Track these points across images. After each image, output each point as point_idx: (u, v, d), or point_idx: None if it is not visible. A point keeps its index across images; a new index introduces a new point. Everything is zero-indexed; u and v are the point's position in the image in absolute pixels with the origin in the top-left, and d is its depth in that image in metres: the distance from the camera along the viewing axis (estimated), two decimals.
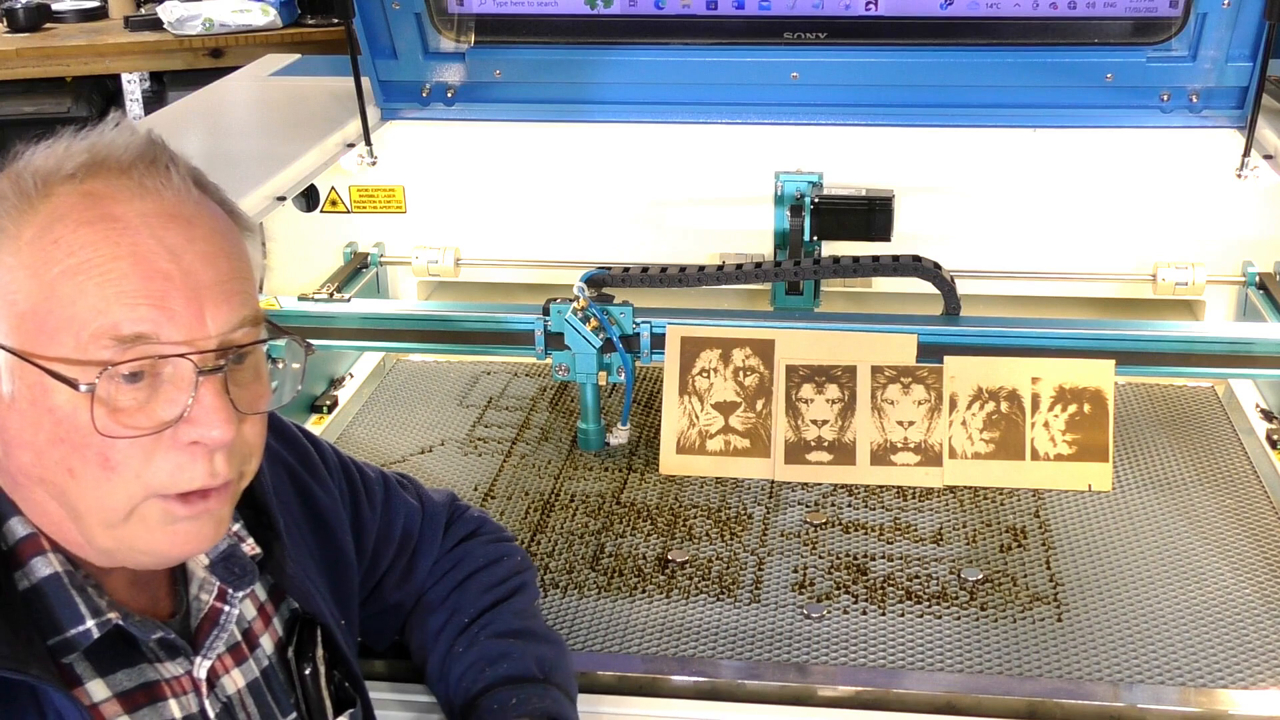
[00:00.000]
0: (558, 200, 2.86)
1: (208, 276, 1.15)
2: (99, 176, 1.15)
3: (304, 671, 1.38)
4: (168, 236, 1.14)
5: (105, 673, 1.19)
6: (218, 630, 1.29)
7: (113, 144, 1.17)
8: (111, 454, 1.13)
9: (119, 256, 1.12)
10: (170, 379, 1.14)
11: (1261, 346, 2.25)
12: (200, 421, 1.14)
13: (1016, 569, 1.97)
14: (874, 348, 2.23)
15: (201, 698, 1.26)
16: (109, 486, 1.14)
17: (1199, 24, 2.55)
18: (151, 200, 1.15)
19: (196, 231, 1.16)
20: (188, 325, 1.13)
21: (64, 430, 1.12)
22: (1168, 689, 1.70)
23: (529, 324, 2.29)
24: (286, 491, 1.48)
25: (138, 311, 1.11)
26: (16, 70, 4.82)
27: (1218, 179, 2.65)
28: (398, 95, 2.85)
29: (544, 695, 1.51)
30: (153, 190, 1.15)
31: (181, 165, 1.20)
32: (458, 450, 2.37)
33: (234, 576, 1.30)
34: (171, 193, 1.17)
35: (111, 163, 1.16)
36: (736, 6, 2.71)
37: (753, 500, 2.17)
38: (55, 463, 1.14)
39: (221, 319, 1.15)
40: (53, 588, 1.18)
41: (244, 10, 4.80)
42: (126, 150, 1.17)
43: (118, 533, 1.17)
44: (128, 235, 1.12)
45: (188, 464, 1.15)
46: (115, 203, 1.14)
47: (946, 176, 2.73)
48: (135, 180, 1.15)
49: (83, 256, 1.11)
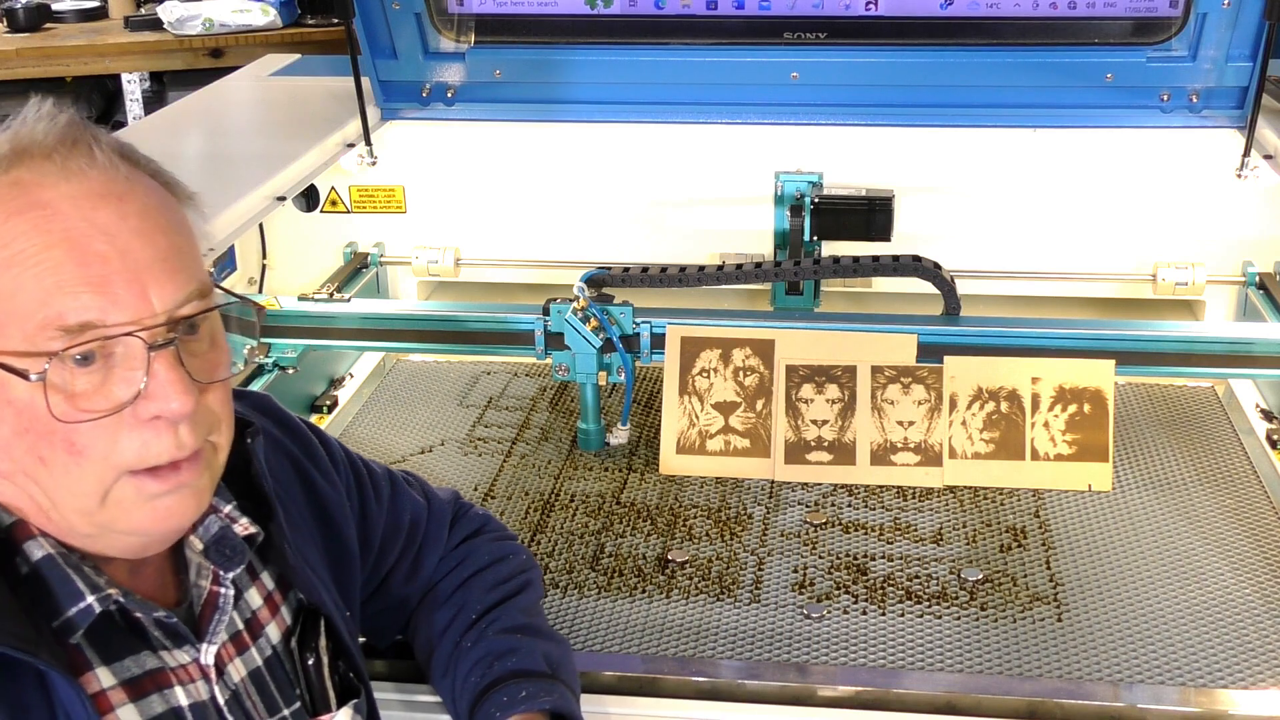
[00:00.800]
0: (558, 200, 2.86)
1: (146, 254, 1.14)
2: (23, 164, 1.14)
3: (307, 661, 1.38)
4: (99, 217, 1.13)
5: (110, 660, 1.20)
6: (218, 614, 1.29)
7: (34, 130, 1.15)
8: (76, 438, 1.13)
9: (52, 245, 1.11)
10: (123, 358, 1.14)
11: (1261, 346, 2.25)
12: (157, 396, 1.14)
13: (1016, 569, 1.97)
14: (874, 348, 2.23)
15: (211, 684, 1.26)
16: (79, 471, 1.14)
17: (1199, 24, 2.55)
18: (77, 182, 1.14)
19: (128, 208, 1.15)
20: (132, 306, 1.13)
21: (26, 420, 1.13)
22: (1168, 689, 1.70)
23: (529, 324, 2.29)
24: (289, 481, 1.48)
25: (80, 300, 1.11)
26: (16, 70, 4.81)
27: (1218, 179, 2.66)
28: (398, 95, 2.85)
29: (551, 690, 1.51)
30: (77, 172, 1.14)
31: (106, 143, 1.17)
32: (458, 450, 2.37)
33: (224, 558, 1.30)
34: (97, 172, 1.15)
35: (34, 149, 1.14)
36: (736, 6, 2.71)
37: (753, 500, 2.17)
38: (24, 453, 1.14)
39: (166, 295, 1.15)
40: (48, 568, 1.18)
41: (244, 10, 4.80)
42: (48, 135, 1.15)
43: (96, 518, 1.17)
44: (58, 221, 1.11)
45: (153, 439, 1.15)
46: (41, 189, 1.12)
47: (946, 176, 2.73)
48: (59, 164, 1.14)
49: (16, 248, 1.11)
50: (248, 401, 1.46)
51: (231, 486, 1.33)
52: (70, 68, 4.86)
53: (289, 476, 1.48)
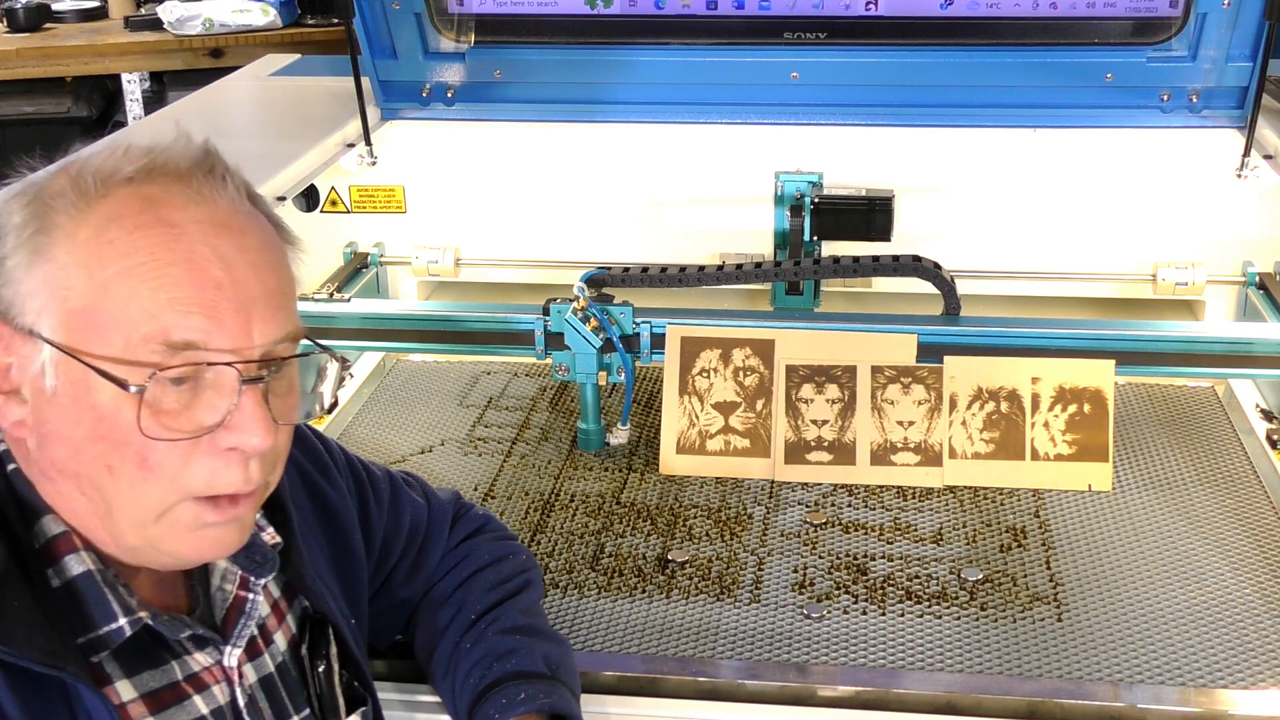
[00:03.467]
0: (558, 200, 2.86)
1: (256, 289, 1.17)
2: (156, 181, 1.17)
3: (317, 669, 1.39)
4: (220, 245, 1.16)
5: (131, 673, 1.20)
6: (244, 618, 1.31)
7: (170, 150, 1.19)
8: (150, 455, 1.14)
9: (174, 262, 1.13)
10: (213, 385, 1.15)
11: (1261, 346, 2.25)
12: (241, 429, 1.16)
13: (1016, 569, 1.97)
14: (874, 348, 2.23)
15: (233, 687, 1.28)
16: (145, 486, 1.15)
17: (1199, 24, 2.55)
18: (206, 208, 1.17)
19: (248, 242, 1.18)
20: (235, 335, 1.15)
21: (105, 428, 1.14)
22: (1168, 689, 1.70)
23: (529, 324, 2.29)
24: (299, 490, 1.48)
25: (190, 319, 1.13)
26: (16, 70, 4.81)
27: (1218, 179, 2.65)
28: (398, 95, 2.85)
29: (551, 691, 1.51)
30: (208, 198, 1.18)
31: (236, 177, 1.22)
32: (458, 450, 2.37)
33: (255, 564, 1.32)
34: (226, 202, 1.19)
35: (169, 168, 1.18)
36: (736, 6, 2.71)
37: (753, 500, 2.17)
38: (93, 459, 1.15)
39: (267, 332, 1.18)
40: (85, 585, 1.19)
41: (244, 10, 4.80)
42: (184, 158, 1.19)
43: (147, 532, 1.18)
44: (182, 241, 1.14)
45: (223, 469, 1.17)
46: (171, 208, 1.16)
47: (946, 176, 2.73)
48: (192, 188, 1.17)
49: (138, 259, 1.13)
50: None
51: None
52: (70, 68, 4.87)
53: (297, 485, 1.49)
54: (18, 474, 1.21)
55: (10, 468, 1.21)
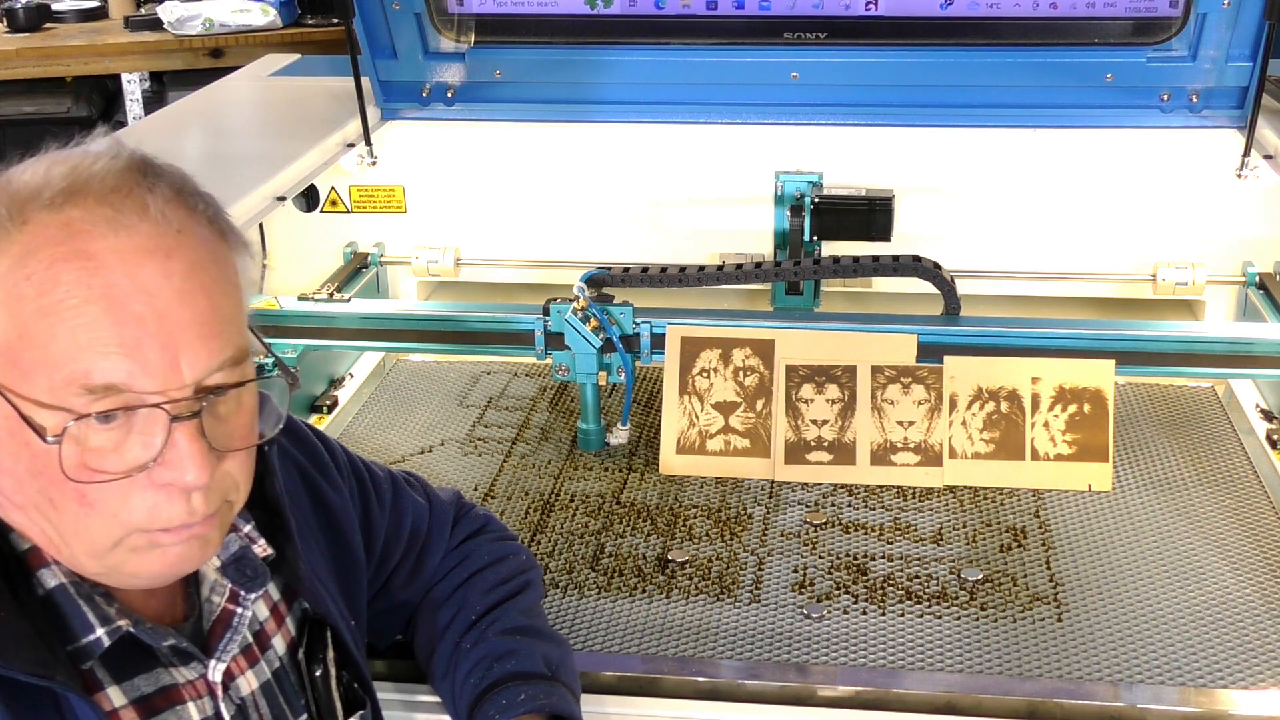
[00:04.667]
0: (558, 200, 2.86)
1: (184, 317, 1.11)
2: (77, 204, 1.10)
3: (314, 673, 1.38)
4: (142, 275, 1.09)
5: (121, 679, 1.20)
6: (230, 633, 1.29)
7: (93, 168, 1.13)
8: (88, 493, 1.11)
9: (91, 300, 1.08)
10: (144, 422, 1.11)
11: (1261, 346, 2.25)
12: (174, 465, 1.12)
13: (1016, 569, 1.97)
14: (874, 348, 2.23)
15: (217, 701, 1.26)
16: (88, 522, 1.13)
17: (1199, 24, 2.55)
18: (125, 236, 1.10)
19: (174, 266, 1.11)
20: (162, 374, 1.10)
21: (40, 465, 1.11)
22: (1168, 689, 1.70)
23: (529, 324, 2.29)
24: (297, 491, 1.47)
25: (109, 361, 1.08)
26: (16, 70, 4.81)
27: (1218, 179, 2.65)
28: (398, 95, 2.85)
29: (551, 692, 1.51)
30: (129, 224, 1.10)
31: (162, 190, 1.14)
32: (458, 450, 2.37)
33: (245, 579, 1.30)
34: (149, 226, 1.11)
35: (91, 189, 1.11)
36: (736, 6, 2.71)
37: (753, 500, 2.17)
38: (36, 493, 1.13)
39: (199, 364, 1.12)
40: (61, 597, 1.18)
41: (244, 10, 4.80)
42: (107, 174, 1.12)
43: (105, 561, 1.16)
44: (100, 275, 1.08)
45: (164, 503, 1.13)
46: (90, 237, 1.09)
47: (946, 176, 2.73)
48: (111, 213, 1.10)
49: (55, 296, 1.08)
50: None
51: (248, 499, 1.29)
52: (70, 68, 4.87)
53: (296, 486, 1.48)
54: None
55: None
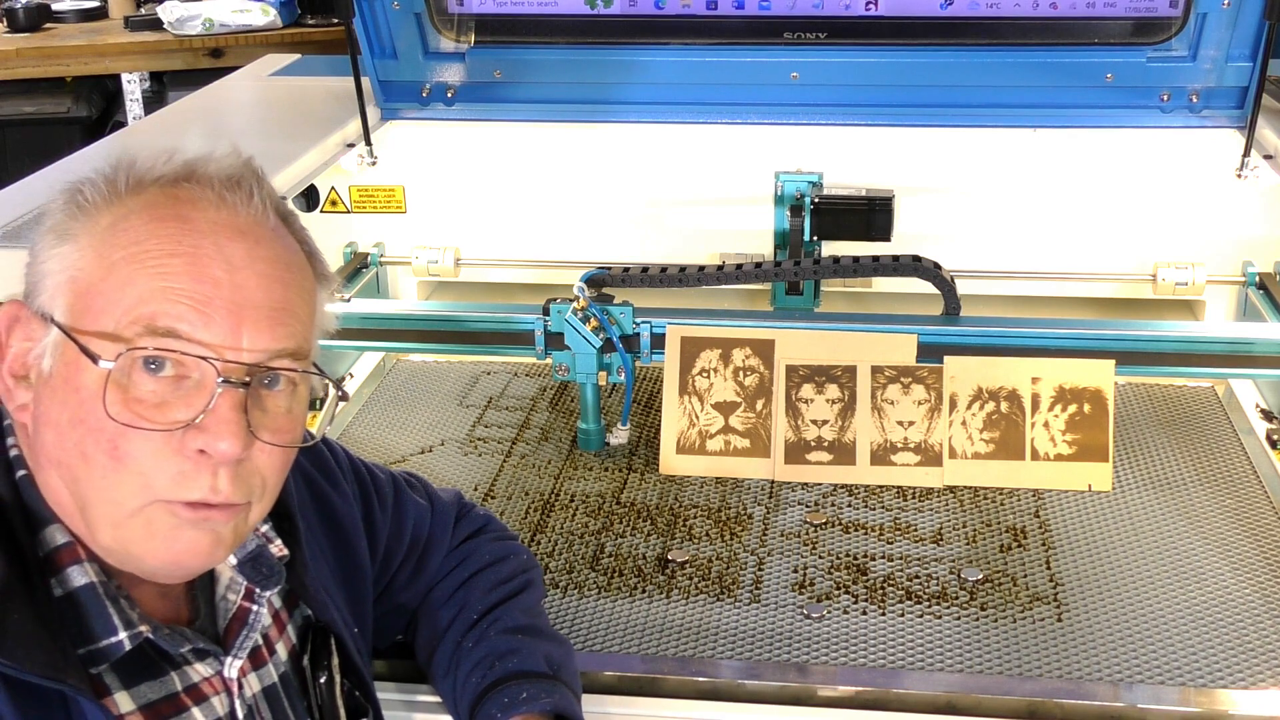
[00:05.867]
0: (558, 200, 2.86)
1: (258, 296, 1.17)
2: (190, 181, 1.20)
3: (319, 680, 1.38)
4: (230, 247, 1.17)
5: (130, 685, 1.20)
6: (247, 630, 1.30)
7: (210, 159, 1.23)
8: (121, 443, 1.14)
9: (177, 254, 1.15)
10: (194, 383, 1.15)
11: (1261, 346, 2.25)
12: (210, 430, 1.14)
13: (1016, 569, 1.97)
14: (874, 348, 2.23)
15: (233, 698, 1.27)
16: (115, 478, 1.15)
17: (1199, 24, 2.55)
18: (226, 212, 1.19)
19: (260, 252, 1.19)
20: (222, 334, 1.15)
21: (84, 411, 1.14)
22: (1168, 689, 1.70)
23: (529, 324, 2.29)
24: (304, 497, 1.48)
25: (177, 308, 1.14)
26: (16, 70, 4.82)
27: (1218, 179, 2.65)
28: (398, 95, 2.85)
29: (553, 691, 1.51)
30: (230, 204, 1.19)
31: (268, 194, 1.24)
32: (458, 450, 2.37)
33: (261, 577, 1.32)
34: (249, 211, 1.20)
35: (202, 173, 1.21)
36: (736, 6, 2.71)
37: (753, 500, 2.17)
38: (73, 445, 1.15)
39: (260, 341, 1.17)
40: (87, 596, 1.18)
41: (244, 10, 4.80)
42: (220, 166, 1.22)
43: (120, 532, 1.17)
44: (191, 237, 1.16)
45: (191, 473, 1.15)
46: (193, 206, 1.18)
47: (946, 176, 2.73)
48: (216, 192, 1.19)
49: (145, 246, 1.15)
50: None
51: None
52: (70, 68, 4.87)
53: (303, 492, 1.48)
54: (26, 481, 1.20)
55: (19, 474, 1.20)
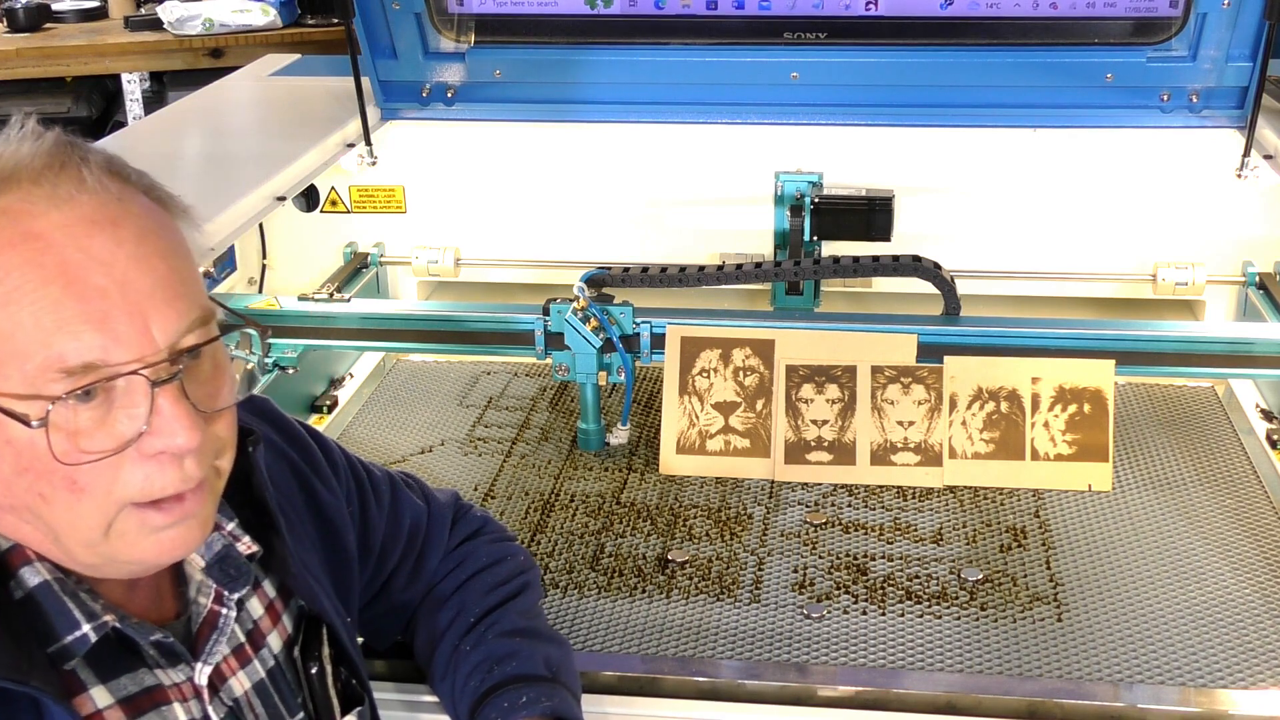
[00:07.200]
0: (558, 200, 2.86)
1: (145, 283, 1.10)
2: (12, 191, 1.09)
3: (310, 670, 1.37)
4: (93, 246, 1.08)
5: (107, 678, 1.18)
6: (216, 634, 1.27)
7: (19, 152, 1.11)
8: (78, 477, 1.10)
9: (48, 280, 1.06)
10: (125, 394, 1.10)
11: (1261, 346, 2.25)
12: (163, 432, 1.10)
13: (1016, 569, 1.97)
14: (874, 348, 2.23)
15: (204, 704, 1.24)
16: (81, 508, 1.11)
17: (1199, 24, 2.55)
18: (68, 209, 1.09)
19: (124, 233, 1.10)
20: (135, 343, 1.08)
21: (26, 460, 1.09)
22: (1168, 689, 1.70)
23: (529, 324, 2.29)
24: (289, 486, 1.47)
25: (82, 339, 1.06)
26: (16, 70, 4.81)
27: (1218, 179, 2.66)
28: (398, 95, 2.85)
29: (552, 694, 1.51)
30: (67, 198, 1.09)
31: (95, 162, 1.13)
32: (458, 450, 2.37)
33: (229, 578, 1.28)
34: (88, 196, 1.10)
35: (22, 173, 1.09)
36: (736, 6, 2.71)
37: (753, 500, 2.17)
38: (24, 491, 1.11)
39: (170, 327, 1.11)
40: (44, 595, 1.16)
41: (244, 10, 4.80)
42: (35, 157, 1.10)
43: (99, 549, 1.15)
44: (51, 253, 1.07)
45: (156, 473, 1.12)
46: (32, 218, 1.08)
47: (946, 176, 2.73)
48: (48, 189, 1.09)
49: (11, 284, 1.06)
50: (246, 406, 1.43)
51: (232, 498, 1.30)
52: (70, 68, 4.87)
53: (289, 483, 1.47)
54: None
55: None
